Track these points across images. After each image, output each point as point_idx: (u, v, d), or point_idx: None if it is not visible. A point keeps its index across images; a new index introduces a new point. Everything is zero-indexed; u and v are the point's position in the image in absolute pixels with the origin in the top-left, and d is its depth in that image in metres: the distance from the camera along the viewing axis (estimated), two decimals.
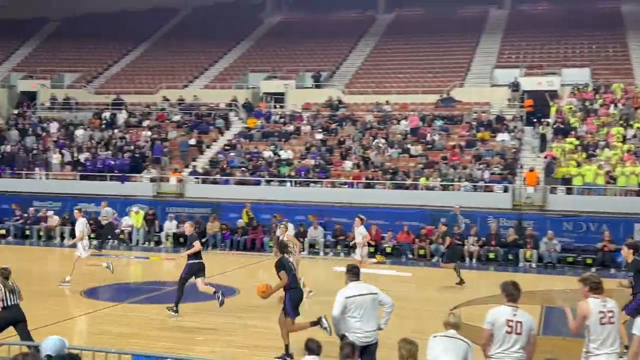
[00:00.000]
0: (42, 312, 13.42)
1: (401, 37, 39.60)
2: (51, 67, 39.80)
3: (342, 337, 7.76)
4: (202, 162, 29.73)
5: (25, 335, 9.28)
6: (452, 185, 25.21)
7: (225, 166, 28.43)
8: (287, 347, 10.29)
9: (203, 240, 24.20)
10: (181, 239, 24.72)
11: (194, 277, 13.45)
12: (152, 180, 28.25)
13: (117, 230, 24.90)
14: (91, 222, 25.14)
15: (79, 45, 42.38)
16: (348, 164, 27.54)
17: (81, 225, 16.52)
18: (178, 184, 28.11)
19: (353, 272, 8.19)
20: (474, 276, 19.15)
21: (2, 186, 28.87)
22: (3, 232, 26.26)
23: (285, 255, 10.62)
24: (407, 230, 23.49)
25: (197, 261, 13.48)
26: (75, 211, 17.16)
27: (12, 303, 9.89)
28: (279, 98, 35.44)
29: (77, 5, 45.93)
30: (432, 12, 41.61)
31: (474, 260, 22.22)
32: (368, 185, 26.18)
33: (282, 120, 32.57)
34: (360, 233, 16.45)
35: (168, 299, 15.61)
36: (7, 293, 9.79)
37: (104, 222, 24.16)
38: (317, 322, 9.50)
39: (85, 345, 9.23)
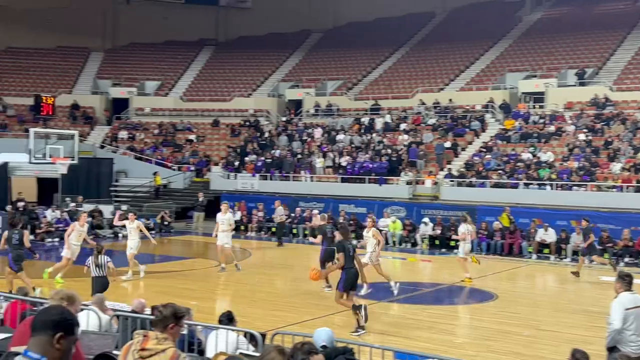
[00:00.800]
0: (306, 306, 14.25)
1: None
2: (315, 76, 42.26)
3: (611, 350, 7.19)
4: (457, 165, 29.54)
5: None
6: None
7: (481, 169, 27.96)
8: (358, 321, 11.45)
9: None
10: (437, 241, 24.83)
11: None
12: (408, 182, 28.69)
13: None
14: (351, 222, 26.27)
15: (340, 55, 44.48)
16: (616, 166, 25.56)
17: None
18: (433, 186, 28.24)
19: (626, 281, 7.54)
20: None
21: (272, 187, 31.29)
22: (273, 230, 28.36)
23: (347, 239, 12.12)
24: None
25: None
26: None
27: (100, 274, 12.95)
28: (538, 98, 34.03)
29: (337, 17, 48.29)
30: None
31: None
32: None
33: (541, 120, 31.21)
34: (460, 230, 17.73)
35: (425, 300, 15.73)
36: (94, 266, 12.92)
37: (277, 221, 25.90)
38: (358, 308, 11.13)
39: (346, 339, 9.59)
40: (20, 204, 25.93)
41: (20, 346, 3.35)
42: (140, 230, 17.74)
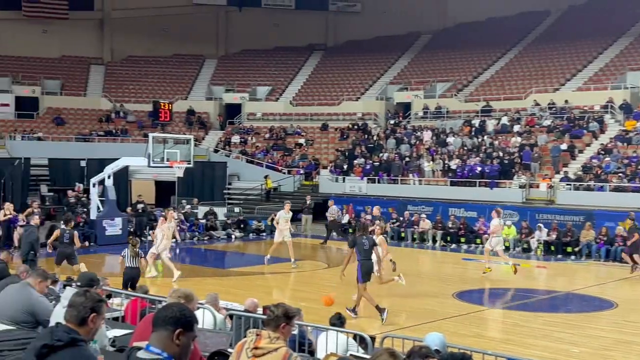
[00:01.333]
0: (418, 310, 14.10)
1: None
2: (424, 78, 41.85)
3: None
4: (574, 168, 28.41)
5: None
6: None
7: (599, 172, 26.76)
8: (377, 307, 12.47)
9: (576, 249, 23.18)
10: (552, 247, 23.96)
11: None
12: (521, 186, 27.86)
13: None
14: (461, 226, 25.80)
15: (449, 56, 43.85)
16: None
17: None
18: (548, 190, 27.28)
19: None
20: None
21: (380, 191, 31.21)
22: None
23: (362, 235, 13.11)
24: None
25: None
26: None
27: (134, 265, 14.03)
28: None
29: (447, 17, 47.62)
30: None
31: None
32: None
33: None
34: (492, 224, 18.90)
35: (540, 307, 15.21)
36: (131, 257, 13.94)
37: (330, 219, 26.51)
38: (381, 310, 12.23)
39: (459, 344, 9.39)
40: (140, 205, 27.12)
41: (142, 341, 3.48)
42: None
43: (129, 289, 12.86)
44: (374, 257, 13.49)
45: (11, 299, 6.37)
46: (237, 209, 30.32)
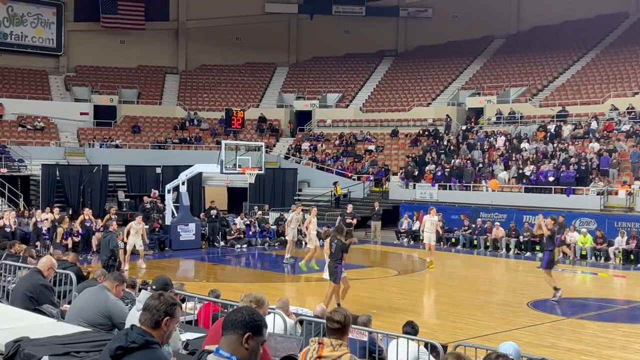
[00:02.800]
0: (488, 320, 13.82)
1: None
2: (497, 83, 41.14)
3: None
4: None
5: None
6: None
7: None
8: (339, 304, 13.34)
9: None
10: (632, 256, 23.11)
11: None
12: (599, 193, 27.00)
13: None
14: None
15: (523, 60, 42.98)
16: None
17: None
18: (627, 197, 26.34)
19: None
20: None
21: (452, 198, 30.79)
22: (453, 240, 27.90)
23: (338, 237, 14.26)
24: None
25: None
26: None
27: None
28: None
29: (522, 21, 46.69)
30: None
31: None
32: None
33: None
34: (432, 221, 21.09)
35: (619, 318, 14.70)
36: None
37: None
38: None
39: (534, 354, 9.15)
40: (213, 211, 27.59)
41: (213, 345, 3.52)
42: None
43: None
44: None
45: (88, 302, 6.56)
46: (306, 216, 30.45)
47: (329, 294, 14.16)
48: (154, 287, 7.35)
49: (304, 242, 24.02)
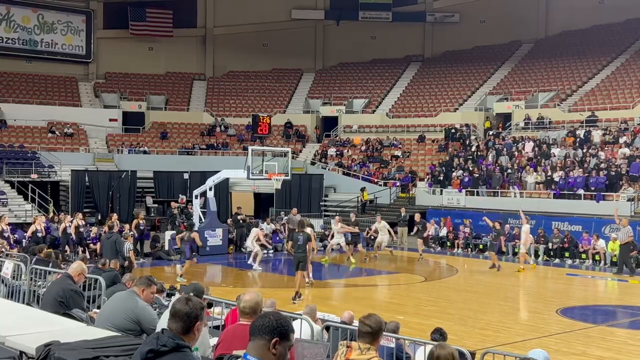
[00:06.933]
0: (517, 327, 13.70)
1: None
2: (525, 88, 40.81)
3: None
4: None
5: None
6: None
7: None
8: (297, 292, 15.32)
9: None
10: None
11: None
12: (630, 199, 26.62)
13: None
14: (565, 239, 24.87)
15: (552, 65, 42.60)
16: None
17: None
18: None
19: None
20: None
21: (478, 203, 30.55)
22: (480, 246, 27.64)
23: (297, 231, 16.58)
24: None
25: None
26: None
27: None
28: None
29: (550, 25, 46.28)
30: None
31: None
32: None
33: None
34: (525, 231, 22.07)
35: None
36: None
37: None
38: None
39: None
40: (239, 217, 27.69)
41: (239, 350, 3.53)
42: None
43: None
44: None
45: (117, 307, 6.62)
46: (332, 221, 30.46)
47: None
48: (183, 293, 7.40)
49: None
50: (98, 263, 13.50)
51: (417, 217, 26.28)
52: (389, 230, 24.23)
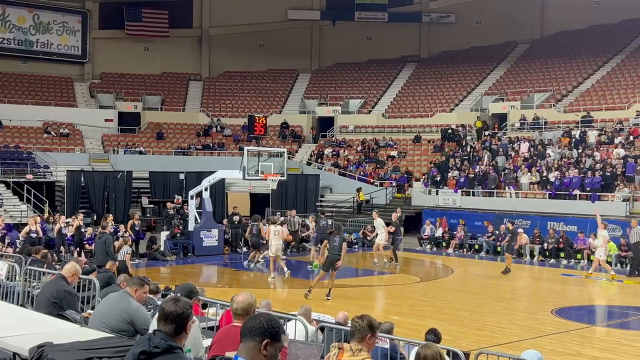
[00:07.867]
0: (512, 327, 13.71)
1: None
2: (521, 88, 40.87)
3: None
4: None
5: None
6: None
7: None
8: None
9: None
10: None
11: None
12: (625, 199, 26.67)
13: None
14: (560, 240, 24.90)
15: (547, 65, 42.66)
16: None
17: None
18: None
19: None
20: None
21: (474, 203, 30.60)
22: (476, 247, 27.69)
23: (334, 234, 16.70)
24: None
25: None
26: None
27: None
28: None
29: (546, 26, 46.34)
30: None
31: None
32: None
33: None
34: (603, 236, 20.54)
35: None
36: None
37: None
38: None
39: None
40: (235, 217, 27.66)
41: (218, 353, 3.53)
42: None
43: None
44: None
45: (110, 308, 6.61)
46: (329, 221, 30.45)
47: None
48: (178, 294, 7.39)
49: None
50: (93, 264, 13.47)
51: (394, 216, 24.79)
52: (384, 228, 23.91)
